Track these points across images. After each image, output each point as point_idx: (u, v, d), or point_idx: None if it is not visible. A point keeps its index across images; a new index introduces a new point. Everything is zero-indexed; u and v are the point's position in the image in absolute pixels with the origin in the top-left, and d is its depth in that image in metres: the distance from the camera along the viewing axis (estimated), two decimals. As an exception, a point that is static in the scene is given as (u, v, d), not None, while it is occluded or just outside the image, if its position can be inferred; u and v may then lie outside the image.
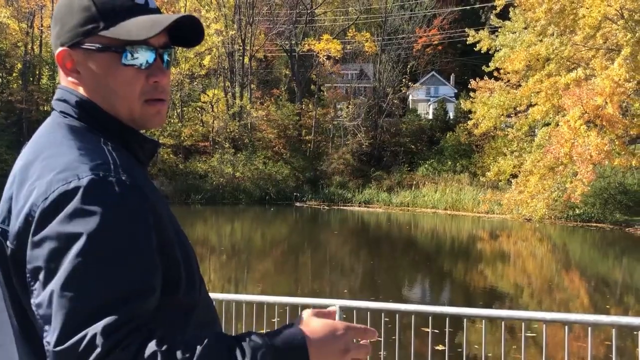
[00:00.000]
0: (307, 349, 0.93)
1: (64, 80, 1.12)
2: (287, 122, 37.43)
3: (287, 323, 1.00)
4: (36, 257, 0.93)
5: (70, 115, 1.08)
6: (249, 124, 36.05)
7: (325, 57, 37.56)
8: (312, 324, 0.97)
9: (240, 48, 37.18)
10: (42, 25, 34.17)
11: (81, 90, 1.09)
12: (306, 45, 37.88)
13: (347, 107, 37.97)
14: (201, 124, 36.20)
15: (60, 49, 1.08)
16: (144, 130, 1.16)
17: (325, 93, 40.23)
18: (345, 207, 31.34)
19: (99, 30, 1.06)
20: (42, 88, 33.19)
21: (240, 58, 37.63)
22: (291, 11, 39.90)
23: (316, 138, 37.53)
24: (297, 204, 32.17)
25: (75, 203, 0.93)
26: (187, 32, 1.14)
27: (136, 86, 1.08)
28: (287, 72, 44.05)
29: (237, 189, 31.99)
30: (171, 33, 1.13)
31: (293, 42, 39.38)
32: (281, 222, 25.90)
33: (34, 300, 0.94)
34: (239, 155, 33.27)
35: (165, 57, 1.12)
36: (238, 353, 0.89)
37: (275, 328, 1.00)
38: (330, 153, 36.32)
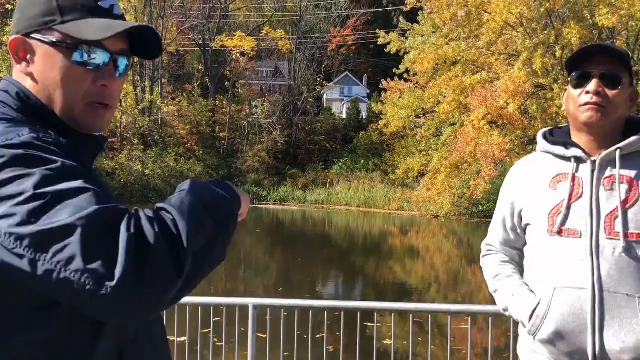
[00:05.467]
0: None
1: (15, 71, 1.12)
2: (200, 119, 36.65)
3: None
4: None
5: (8, 105, 1.06)
6: (159, 120, 34.97)
7: (239, 53, 37.17)
8: None
9: (151, 41, 35.93)
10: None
11: (28, 80, 1.08)
12: (219, 41, 37.29)
13: (262, 105, 37.79)
14: (109, 119, 34.66)
15: (15, 36, 1.08)
16: None
17: (239, 90, 39.79)
18: (260, 205, 31.20)
19: (54, 24, 1.05)
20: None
21: (151, 51, 36.36)
22: (205, 5, 39.12)
23: (230, 135, 37.02)
24: (211, 202, 31.62)
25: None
26: (147, 42, 1.14)
27: (81, 86, 1.07)
28: (200, 67, 43.14)
29: (147, 187, 30.92)
30: (132, 42, 1.13)
31: (206, 37, 38.62)
32: (194, 220, 25.35)
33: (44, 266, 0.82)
34: (148, 152, 32.17)
35: (122, 64, 1.11)
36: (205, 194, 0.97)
37: (187, 330, 1.00)
38: (245, 150, 35.98)
